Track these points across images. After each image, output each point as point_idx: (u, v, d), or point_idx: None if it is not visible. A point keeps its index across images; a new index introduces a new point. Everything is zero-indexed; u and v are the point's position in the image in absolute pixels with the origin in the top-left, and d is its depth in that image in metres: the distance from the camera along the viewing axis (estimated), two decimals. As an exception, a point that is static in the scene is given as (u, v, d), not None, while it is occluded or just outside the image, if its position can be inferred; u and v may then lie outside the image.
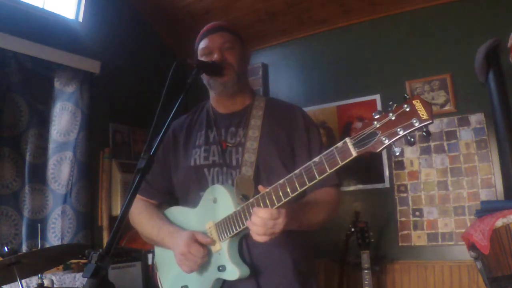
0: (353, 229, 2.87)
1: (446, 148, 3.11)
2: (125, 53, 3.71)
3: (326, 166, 1.07)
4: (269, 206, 1.17)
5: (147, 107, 2.35)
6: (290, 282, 1.37)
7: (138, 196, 1.41)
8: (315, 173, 1.09)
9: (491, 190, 2.91)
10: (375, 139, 0.98)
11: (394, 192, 3.24)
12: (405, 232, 3.16)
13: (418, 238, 3.11)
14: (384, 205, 3.27)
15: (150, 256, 3.04)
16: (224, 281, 1.35)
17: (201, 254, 1.30)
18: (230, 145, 1.45)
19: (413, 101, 0.98)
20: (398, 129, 0.97)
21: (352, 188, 3.43)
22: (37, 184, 3.01)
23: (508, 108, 2.75)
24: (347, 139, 1.03)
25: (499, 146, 2.82)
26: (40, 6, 3.20)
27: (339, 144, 1.04)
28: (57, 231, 3.03)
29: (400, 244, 3.16)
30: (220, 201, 1.33)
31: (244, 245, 1.35)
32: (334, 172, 1.09)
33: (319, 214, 1.38)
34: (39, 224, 2.79)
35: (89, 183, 3.24)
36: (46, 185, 3.07)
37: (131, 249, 3.00)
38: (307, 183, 1.10)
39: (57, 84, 3.22)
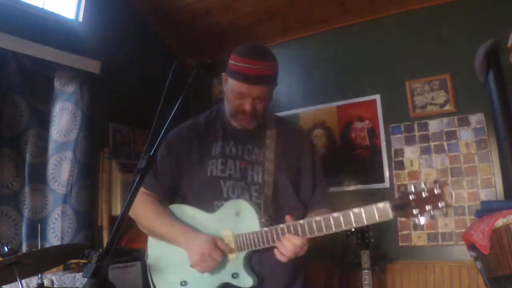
0: (353, 229, 2.87)
1: (446, 148, 3.11)
2: (125, 53, 3.71)
3: (364, 219, 1.23)
4: (302, 235, 1.31)
5: (147, 107, 2.35)
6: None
7: (143, 189, 1.48)
8: (352, 221, 1.24)
9: (491, 190, 2.91)
10: (409, 209, 1.19)
11: (394, 192, 3.24)
12: (405, 232, 3.16)
13: (418, 238, 3.11)
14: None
15: (150, 256, 3.04)
16: (228, 284, 1.43)
17: (220, 260, 1.39)
18: (248, 165, 1.52)
19: (443, 187, 1.19)
20: (427, 206, 1.18)
21: (352, 188, 3.43)
22: (37, 184, 3.00)
23: (508, 108, 2.75)
24: (388, 203, 1.21)
25: (499, 146, 2.82)
26: (40, 6, 3.20)
27: (380, 204, 1.21)
28: (57, 231, 3.03)
29: (400, 244, 3.16)
30: (244, 216, 1.41)
31: (257, 256, 1.44)
32: (330, 196, 1.30)
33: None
34: (39, 224, 2.79)
35: (89, 183, 3.24)
36: (46, 185, 3.07)
37: (131, 249, 3.00)
38: (343, 227, 1.26)
39: (57, 84, 3.22)
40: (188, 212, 1.53)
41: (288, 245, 1.31)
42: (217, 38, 4.04)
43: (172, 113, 1.24)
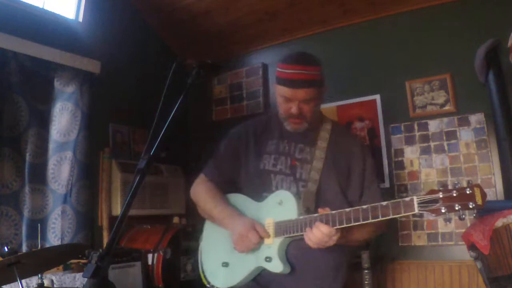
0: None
1: (446, 148, 3.11)
2: (125, 53, 3.71)
3: (391, 212, 1.29)
4: (331, 225, 1.38)
5: (147, 107, 2.35)
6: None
7: (205, 178, 1.75)
8: (379, 214, 1.31)
9: (491, 190, 2.91)
10: (437, 206, 1.22)
11: (394, 192, 3.24)
12: (405, 232, 3.16)
13: (418, 238, 3.11)
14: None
15: (150, 256, 3.04)
16: (262, 272, 1.55)
17: (255, 241, 1.50)
18: (298, 162, 1.63)
19: (474, 188, 1.20)
20: (456, 205, 1.20)
21: (352, 188, 3.42)
22: (37, 184, 3.00)
23: (508, 108, 2.75)
24: (414, 198, 1.25)
25: (499, 146, 2.82)
26: (40, 6, 3.20)
27: (407, 199, 1.27)
28: (57, 231, 3.03)
29: (400, 244, 3.16)
30: (285, 205, 1.53)
31: (296, 248, 1.53)
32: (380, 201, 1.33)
33: (364, 234, 1.57)
34: (39, 224, 2.79)
35: (89, 183, 3.24)
36: (46, 185, 3.07)
37: (131, 249, 3.00)
38: (370, 218, 1.32)
39: (57, 84, 3.22)
40: (240, 200, 1.68)
41: (316, 232, 1.38)
42: (217, 38, 4.05)
43: (172, 113, 1.24)
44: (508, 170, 2.71)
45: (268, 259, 1.51)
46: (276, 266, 1.49)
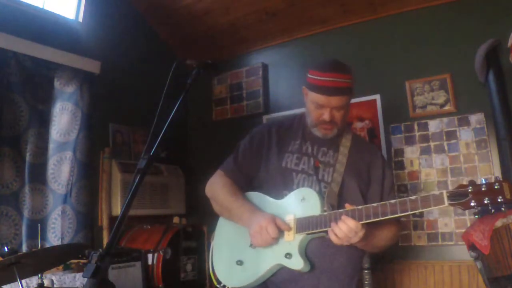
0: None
1: (446, 148, 3.11)
2: (125, 53, 3.71)
3: (419, 205, 1.30)
4: (358, 220, 1.37)
5: (147, 107, 2.36)
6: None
7: (222, 173, 1.72)
8: (408, 207, 1.31)
9: (491, 190, 2.91)
10: (466, 199, 1.24)
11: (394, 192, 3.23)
12: (405, 232, 3.16)
13: (418, 238, 3.11)
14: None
15: (150, 256, 3.04)
16: (281, 269, 1.52)
17: (274, 235, 1.46)
18: (321, 164, 1.64)
19: (503, 183, 1.21)
20: (486, 199, 1.21)
21: (352, 188, 3.42)
22: (37, 184, 3.01)
23: (508, 108, 2.75)
24: (444, 192, 1.27)
25: (499, 146, 2.82)
26: (40, 6, 3.20)
27: (436, 192, 1.28)
28: (57, 231, 3.03)
29: (400, 244, 3.16)
30: (307, 202, 1.52)
31: (315, 246, 1.52)
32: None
33: (381, 241, 1.58)
34: (39, 224, 2.79)
35: (89, 183, 3.24)
36: (46, 185, 3.07)
37: (131, 249, 3.00)
38: (398, 213, 1.32)
39: (57, 84, 3.22)
40: (259, 197, 1.67)
41: (343, 226, 1.37)
42: (217, 38, 4.05)
43: (172, 113, 1.24)
44: (508, 170, 2.71)
45: (289, 255, 1.47)
46: (297, 263, 1.46)
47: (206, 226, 3.37)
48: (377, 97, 3.41)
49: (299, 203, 1.53)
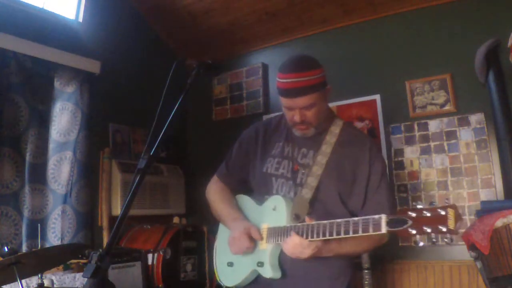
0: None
1: (446, 148, 3.11)
2: (125, 53, 3.71)
3: (360, 229, 1.26)
4: (305, 237, 1.38)
5: (147, 107, 2.35)
6: None
7: (218, 179, 1.78)
8: (350, 230, 1.29)
9: (491, 190, 2.91)
10: (404, 227, 1.15)
11: (394, 192, 3.24)
12: (405, 232, 3.16)
13: (418, 238, 3.11)
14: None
15: (150, 256, 3.04)
16: (259, 275, 1.56)
17: (245, 246, 1.52)
18: (300, 167, 1.61)
19: (449, 209, 1.10)
20: (426, 227, 1.11)
21: (352, 188, 3.42)
22: (37, 184, 3.00)
23: (508, 108, 2.75)
24: (383, 217, 1.21)
25: (499, 146, 2.82)
26: (40, 6, 3.20)
27: (376, 217, 1.23)
28: (57, 231, 3.03)
29: (400, 244, 3.16)
30: (277, 211, 1.54)
31: (287, 255, 1.49)
32: (386, 211, 1.28)
33: (358, 246, 1.52)
34: (39, 224, 2.79)
35: (89, 183, 3.24)
36: (46, 185, 3.07)
37: (131, 249, 3.00)
38: (342, 234, 1.30)
39: (57, 84, 3.22)
40: (246, 202, 1.72)
41: (289, 242, 1.40)
42: (217, 38, 4.05)
43: (172, 113, 1.24)
44: (508, 170, 2.71)
45: (260, 264, 1.53)
46: (267, 271, 1.51)
47: (206, 226, 3.37)
48: (377, 97, 3.41)
49: (271, 212, 1.56)
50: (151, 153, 1.13)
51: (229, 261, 1.67)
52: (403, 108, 3.29)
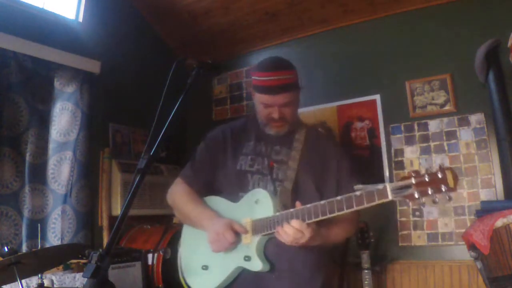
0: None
1: (446, 148, 3.11)
2: (125, 53, 3.71)
3: (365, 201, 1.28)
4: (304, 220, 1.39)
5: (147, 107, 2.36)
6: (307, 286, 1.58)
7: (181, 180, 1.78)
8: (354, 203, 1.31)
9: (491, 190, 2.91)
10: (409, 191, 1.21)
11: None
12: (405, 232, 3.16)
13: (418, 238, 3.11)
14: (384, 205, 3.26)
15: (150, 256, 3.04)
16: (243, 271, 1.56)
17: (231, 240, 1.50)
18: (275, 163, 1.65)
19: (446, 171, 1.18)
20: (429, 189, 1.18)
21: (352, 188, 3.42)
22: (37, 184, 3.00)
23: (508, 108, 2.75)
24: (387, 184, 1.24)
25: (499, 146, 2.82)
26: (40, 6, 3.20)
27: (380, 186, 1.26)
28: (57, 231, 3.03)
29: (400, 244, 3.16)
30: (261, 204, 1.54)
31: (273, 248, 1.53)
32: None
33: (340, 233, 1.61)
34: (39, 224, 2.79)
35: (89, 183, 3.24)
36: (46, 185, 3.07)
37: (131, 249, 3.00)
38: (345, 209, 1.32)
39: (57, 84, 3.22)
40: (217, 201, 1.70)
41: (289, 229, 1.39)
42: (217, 38, 4.05)
43: (172, 113, 1.24)
44: (508, 170, 2.71)
45: (247, 258, 1.52)
46: (256, 265, 1.50)
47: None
48: (377, 97, 3.41)
49: (254, 205, 1.56)
50: (151, 153, 1.13)
51: (203, 264, 1.63)
52: (403, 108, 3.29)
